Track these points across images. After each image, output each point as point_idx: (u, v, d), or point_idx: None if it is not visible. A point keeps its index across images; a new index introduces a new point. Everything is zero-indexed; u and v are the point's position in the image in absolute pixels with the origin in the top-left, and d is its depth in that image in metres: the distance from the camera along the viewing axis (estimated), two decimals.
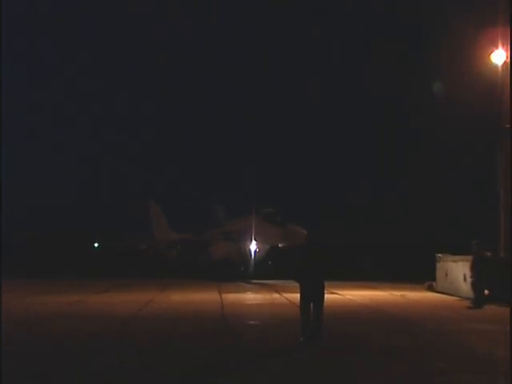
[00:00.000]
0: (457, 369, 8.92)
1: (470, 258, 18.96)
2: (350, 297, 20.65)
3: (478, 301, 17.60)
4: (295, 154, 56.03)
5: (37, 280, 28.74)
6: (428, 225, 42.63)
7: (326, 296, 11.48)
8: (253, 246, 27.82)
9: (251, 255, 27.47)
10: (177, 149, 61.59)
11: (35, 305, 17.74)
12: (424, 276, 24.69)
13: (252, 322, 14.25)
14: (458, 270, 21.28)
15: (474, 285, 18.19)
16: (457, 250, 22.41)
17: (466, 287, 19.73)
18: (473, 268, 18.33)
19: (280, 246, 27.58)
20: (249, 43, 69.51)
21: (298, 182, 52.71)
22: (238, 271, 28.56)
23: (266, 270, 27.31)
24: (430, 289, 23.58)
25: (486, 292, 18.17)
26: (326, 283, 11.44)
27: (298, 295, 11.47)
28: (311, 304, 11.25)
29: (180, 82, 70.51)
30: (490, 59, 20.71)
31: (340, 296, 20.60)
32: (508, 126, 20.09)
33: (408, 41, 49.26)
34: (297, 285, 11.47)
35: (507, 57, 20.11)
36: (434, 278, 23.77)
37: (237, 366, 9.15)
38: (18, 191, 49.28)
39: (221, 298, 20.29)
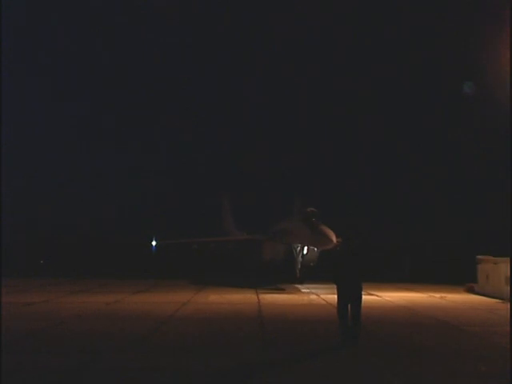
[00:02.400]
0: (497, 373, 8.80)
1: None
2: (389, 298, 20.47)
3: None
4: (295, 154, 55.86)
5: (78, 280, 29.39)
6: (468, 226, 41.84)
7: (363, 297, 11.48)
8: (303, 248, 26.64)
9: (299, 257, 26.55)
10: (176, 148, 62.03)
11: (74, 304, 18.20)
12: (463, 278, 24.29)
13: (289, 323, 14.28)
14: (499, 272, 20.93)
15: None
16: (498, 252, 22.03)
17: (507, 289, 19.37)
18: None
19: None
20: (249, 43, 69.45)
21: (302, 182, 52.37)
22: (284, 273, 28.02)
23: (314, 273, 26.56)
24: (471, 291, 23.19)
25: None
26: (363, 285, 11.45)
27: (336, 296, 11.50)
28: (349, 305, 11.27)
29: (180, 82, 70.85)
30: None
31: (378, 298, 20.45)
32: None
33: (408, 41, 48.60)
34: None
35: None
36: (474, 280, 23.38)
37: (268, 368, 9.23)
38: (17, 191, 50.37)
39: (258, 298, 20.38)
